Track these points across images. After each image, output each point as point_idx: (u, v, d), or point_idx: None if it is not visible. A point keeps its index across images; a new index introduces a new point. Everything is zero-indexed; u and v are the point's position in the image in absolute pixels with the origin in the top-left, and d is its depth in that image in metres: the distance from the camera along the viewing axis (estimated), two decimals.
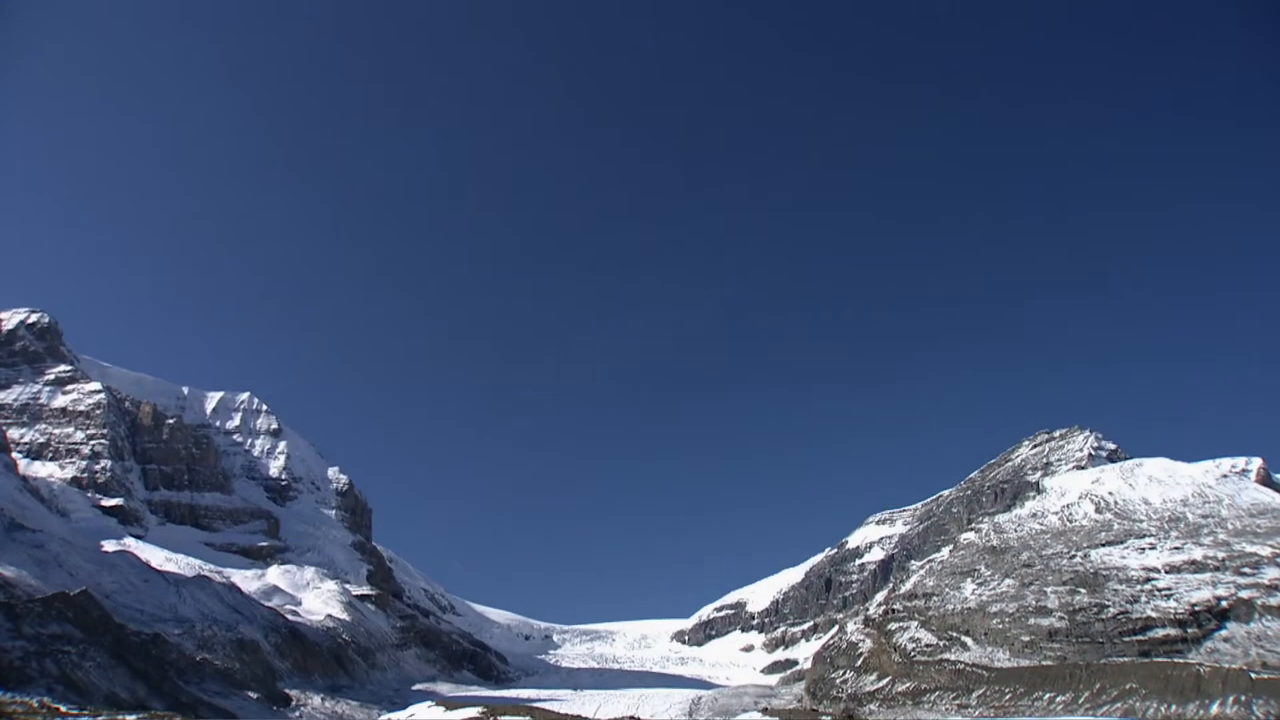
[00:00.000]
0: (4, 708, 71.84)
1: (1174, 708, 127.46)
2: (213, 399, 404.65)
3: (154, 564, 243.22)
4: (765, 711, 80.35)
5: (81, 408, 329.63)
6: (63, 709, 78.35)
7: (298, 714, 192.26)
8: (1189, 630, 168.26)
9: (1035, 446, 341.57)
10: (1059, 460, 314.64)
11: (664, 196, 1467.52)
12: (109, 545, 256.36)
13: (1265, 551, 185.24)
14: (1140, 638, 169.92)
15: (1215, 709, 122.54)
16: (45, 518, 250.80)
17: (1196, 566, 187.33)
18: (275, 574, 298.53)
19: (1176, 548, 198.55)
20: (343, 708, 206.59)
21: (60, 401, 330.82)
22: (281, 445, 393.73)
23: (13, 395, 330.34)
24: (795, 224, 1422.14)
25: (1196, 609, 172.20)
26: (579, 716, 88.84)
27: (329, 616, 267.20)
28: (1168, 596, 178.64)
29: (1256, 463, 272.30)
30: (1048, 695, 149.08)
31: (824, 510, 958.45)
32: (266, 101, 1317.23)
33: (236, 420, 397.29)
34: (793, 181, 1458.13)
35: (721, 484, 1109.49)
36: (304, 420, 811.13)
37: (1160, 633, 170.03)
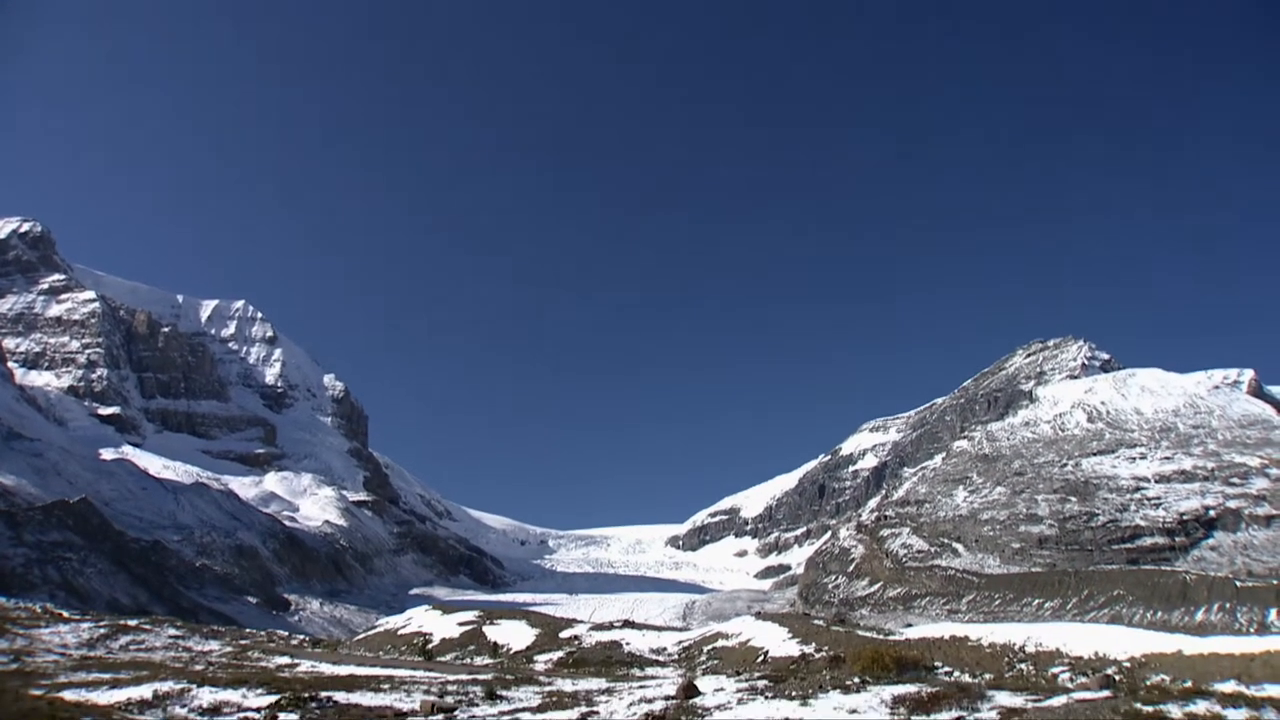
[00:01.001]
0: (8, 613, 72.61)
1: (1160, 614, 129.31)
2: (207, 307, 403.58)
3: (152, 472, 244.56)
4: (758, 615, 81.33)
5: (76, 316, 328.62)
6: (66, 614, 79.31)
7: (296, 618, 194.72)
8: (1177, 539, 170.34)
9: (1029, 356, 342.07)
10: (1052, 370, 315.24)
11: (675, 133, 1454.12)
12: (107, 453, 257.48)
13: (1254, 462, 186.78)
14: (1129, 546, 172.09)
15: (1200, 616, 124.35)
16: (43, 426, 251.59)
17: (1186, 476, 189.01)
18: (272, 481, 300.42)
19: (1167, 457, 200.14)
20: (341, 612, 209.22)
21: (55, 310, 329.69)
22: (277, 353, 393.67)
23: (7, 305, 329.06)
24: (797, 140, 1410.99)
25: (1185, 518, 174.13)
26: (574, 620, 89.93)
27: (326, 523, 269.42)
28: (1157, 505, 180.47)
29: (1248, 374, 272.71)
30: (1036, 601, 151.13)
31: (818, 417, 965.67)
32: (259, 10, 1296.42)
33: (231, 328, 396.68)
34: (794, 104, 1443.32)
35: (717, 391, 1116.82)
36: (299, 327, 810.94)
37: (1148, 541, 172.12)
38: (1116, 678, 40.23)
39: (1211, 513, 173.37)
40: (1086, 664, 46.65)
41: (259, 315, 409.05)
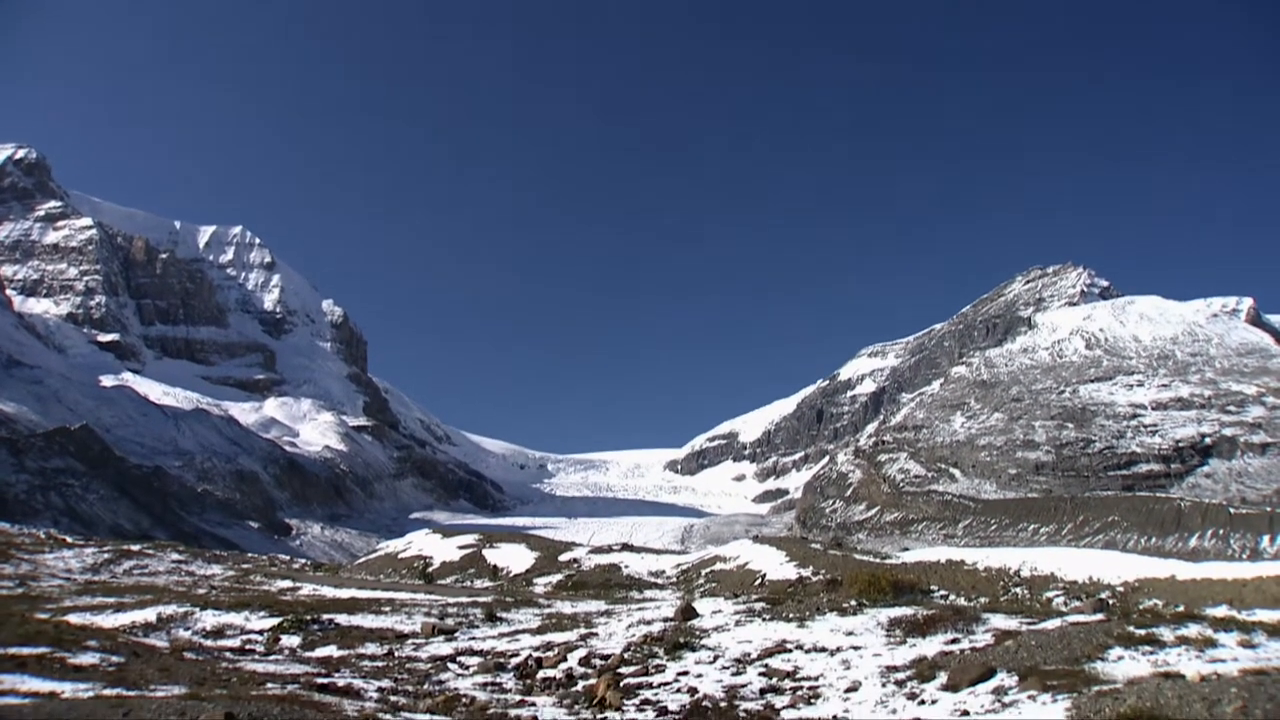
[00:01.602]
0: (12, 539, 73.06)
1: (1154, 540, 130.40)
2: (205, 233, 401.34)
3: (152, 398, 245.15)
4: (756, 539, 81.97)
5: (73, 243, 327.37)
6: (69, 540, 79.94)
7: (298, 543, 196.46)
8: (1172, 466, 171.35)
9: (1028, 282, 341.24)
10: (1051, 296, 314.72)
11: (682, 59, 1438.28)
12: (107, 380, 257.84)
13: (1251, 390, 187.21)
14: (1124, 472, 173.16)
15: (1194, 542, 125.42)
16: (42, 354, 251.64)
17: (1183, 404, 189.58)
18: (272, 406, 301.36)
19: (1164, 385, 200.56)
20: (342, 536, 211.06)
21: (52, 238, 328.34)
22: (275, 279, 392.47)
23: (3, 232, 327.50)
24: (797, 63, 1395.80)
25: (1180, 445, 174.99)
26: (573, 543, 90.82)
27: (326, 448, 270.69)
28: (1153, 433, 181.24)
29: (1247, 303, 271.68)
30: (1032, 526, 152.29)
31: (817, 342, 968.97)
32: None
33: (229, 254, 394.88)
34: (798, 33, 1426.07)
35: (716, 315, 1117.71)
36: (297, 253, 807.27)
37: (1144, 468, 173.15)
38: (1110, 602, 40.70)
39: (1207, 440, 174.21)
40: (1081, 588, 47.15)
41: (257, 241, 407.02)
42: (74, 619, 30.14)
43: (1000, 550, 62.78)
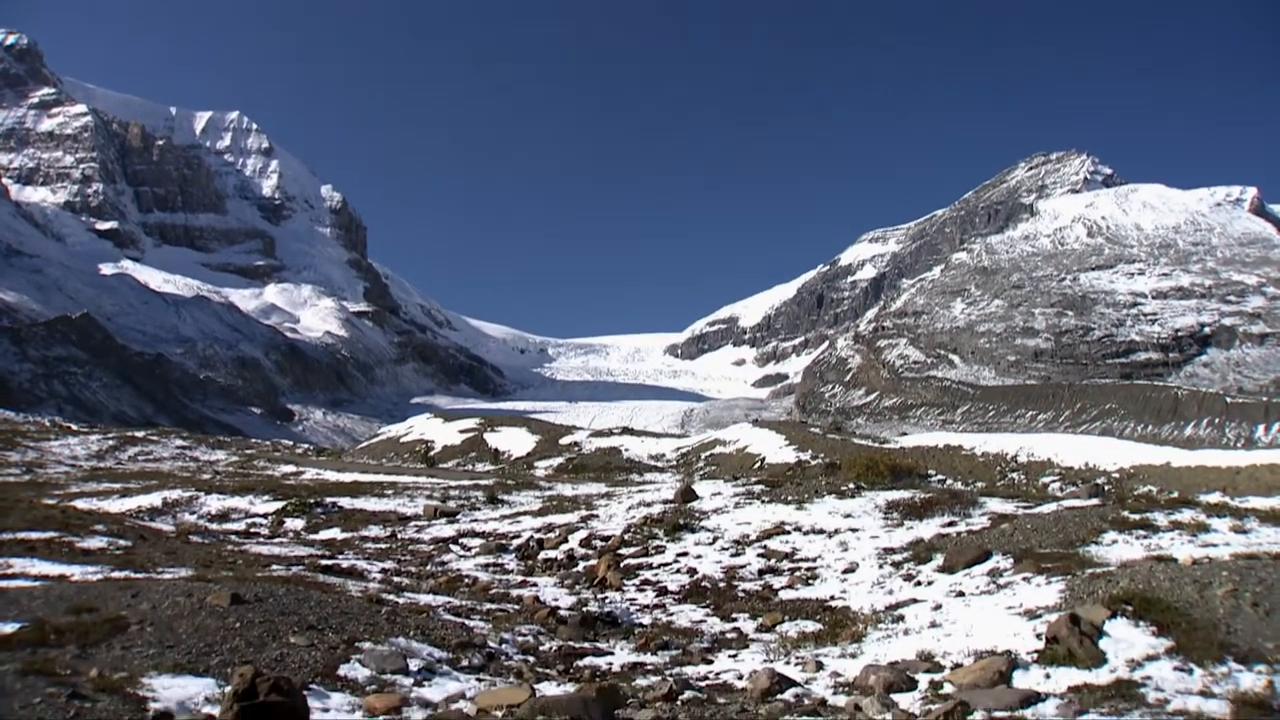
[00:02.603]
0: (17, 427, 73.59)
1: (1151, 428, 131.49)
2: (201, 119, 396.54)
3: (152, 286, 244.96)
4: (755, 423, 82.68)
5: (69, 131, 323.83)
6: (74, 427, 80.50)
7: (300, 428, 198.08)
8: (1170, 355, 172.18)
9: (1031, 169, 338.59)
10: (1054, 183, 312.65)
11: None
12: (106, 268, 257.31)
13: (1252, 280, 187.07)
14: (1123, 361, 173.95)
15: (1190, 430, 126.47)
16: (41, 243, 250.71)
17: (1183, 293, 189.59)
18: (272, 293, 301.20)
19: (1165, 274, 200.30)
20: (343, 421, 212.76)
21: (47, 125, 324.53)
22: (273, 164, 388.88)
23: None
24: None
25: (1179, 334, 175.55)
26: (574, 427, 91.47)
27: (327, 333, 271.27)
28: (1152, 321, 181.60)
29: (1251, 192, 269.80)
30: (1030, 413, 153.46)
31: (818, 227, 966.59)
32: None
33: (227, 140, 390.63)
34: None
35: (717, 199, 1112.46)
36: (295, 138, 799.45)
37: (1143, 356, 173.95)
38: (1106, 487, 41.13)
39: (1206, 329, 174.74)
40: (1077, 474, 47.64)
41: (254, 126, 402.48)
42: (81, 504, 30.48)
43: (998, 436, 63.33)
